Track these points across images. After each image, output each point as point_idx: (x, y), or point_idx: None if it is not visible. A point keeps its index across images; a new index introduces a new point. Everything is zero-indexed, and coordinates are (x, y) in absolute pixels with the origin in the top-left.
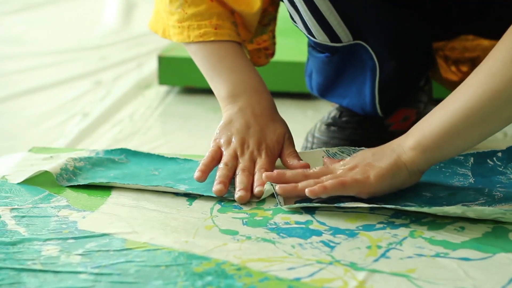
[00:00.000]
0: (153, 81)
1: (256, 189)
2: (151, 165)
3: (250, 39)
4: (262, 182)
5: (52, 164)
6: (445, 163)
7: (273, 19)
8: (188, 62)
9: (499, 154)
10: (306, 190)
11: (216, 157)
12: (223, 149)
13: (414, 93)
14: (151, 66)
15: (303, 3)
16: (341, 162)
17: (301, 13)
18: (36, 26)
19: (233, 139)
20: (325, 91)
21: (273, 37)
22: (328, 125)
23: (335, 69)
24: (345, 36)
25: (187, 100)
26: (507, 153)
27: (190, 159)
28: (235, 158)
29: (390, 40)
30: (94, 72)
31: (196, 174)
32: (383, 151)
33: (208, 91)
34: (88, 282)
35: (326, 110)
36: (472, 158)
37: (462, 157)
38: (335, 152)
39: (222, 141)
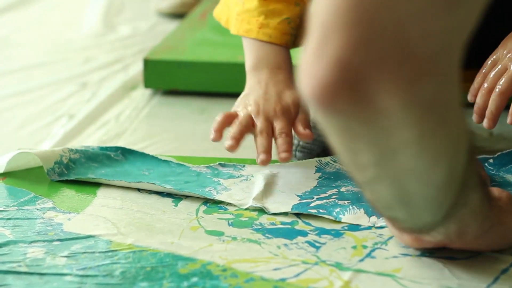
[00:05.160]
0: (138, 83)
1: (282, 155)
2: (144, 166)
3: None
4: (286, 148)
5: (46, 154)
6: None
7: None
8: (174, 65)
9: (491, 161)
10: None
11: (231, 118)
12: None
13: None
14: (137, 67)
15: None
16: (505, 51)
17: None
18: (20, 28)
19: (249, 105)
20: None
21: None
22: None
23: None
24: None
25: (172, 102)
26: (498, 160)
27: (183, 164)
28: (250, 118)
29: None
30: (80, 74)
31: (211, 135)
32: None
33: (194, 93)
34: (73, 284)
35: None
36: None
37: None
38: (328, 162)
39: (238, 108)
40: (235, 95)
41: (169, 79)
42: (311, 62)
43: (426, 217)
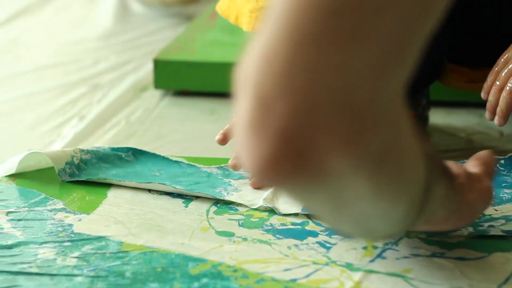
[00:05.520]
0: (149, 84)
1: None
2: (155, 166)
3: None
4: None
5: (57, 154)
6: None
7: None
8: (184, 65)
9: (502, 162)
10: None
11: None
12: None
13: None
14: (147, 68)
15: None
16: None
17: None
18: (31, 29)
19: None
20: None
21: None
22: None
23: None
24: None
25: (183, 103)
26: (510, 160)
27: (194, 164)
28: None
29: None
30: (90, 75)
31: (217, 136)
32: None
33: (204, 93)
34: (84, 285)
35: None
36: None
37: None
38: None
39: None
40: None
41: (179, 79)
42: (251, 135)
43: (392, 233)
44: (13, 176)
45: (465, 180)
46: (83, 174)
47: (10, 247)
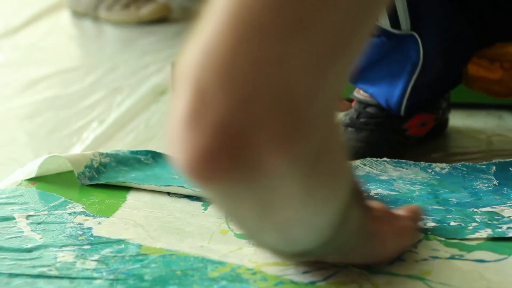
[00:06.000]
0: (168, 87)
1: None
2: (174, 169)
3: None
4: None
5: (77, 158)
6: (468, 170)
7: None
8: None
9: None
10: None
11: None
12: None
13: None
14: (166, 72)
15: None
16: None
17: None
18: (50, 33)
19: None
20: (357, 74)
21: None
22: (346, 126)
23: (381, 54)
24: (405, 24)
25: None
26: None
27: None
28: None
29: (442, 43)
30: (110, 79)
31: None
32: None
33: None
34: None
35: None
36: (494, 167)
37: (484, 166)
38: (358, 165)
39: None
40: None
41: None
42: (186, 129)
43: (308, 247)
44: (33, 180)
45: (382, 214)
46: (102, 178)
47: (30, 250)
